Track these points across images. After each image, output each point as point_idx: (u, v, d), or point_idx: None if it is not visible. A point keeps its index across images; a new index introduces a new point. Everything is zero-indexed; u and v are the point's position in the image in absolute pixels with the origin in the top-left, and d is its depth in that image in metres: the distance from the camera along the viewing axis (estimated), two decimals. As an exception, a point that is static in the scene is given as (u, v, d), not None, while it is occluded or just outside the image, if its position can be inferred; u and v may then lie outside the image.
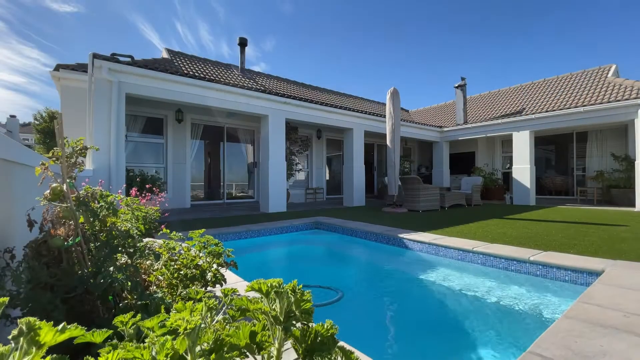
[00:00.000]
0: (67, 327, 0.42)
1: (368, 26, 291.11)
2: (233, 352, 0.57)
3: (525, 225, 5.90)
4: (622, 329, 1.85)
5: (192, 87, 7.11)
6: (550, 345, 1.68)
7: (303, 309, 0.61)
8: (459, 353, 2.22)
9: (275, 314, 0.56)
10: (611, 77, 11.14)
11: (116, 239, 1.59)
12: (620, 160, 10.18)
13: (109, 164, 5.86)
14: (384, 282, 3.91)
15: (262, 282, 0.58)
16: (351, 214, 7.83)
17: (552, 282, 3.29)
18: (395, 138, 8.61)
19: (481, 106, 14.97)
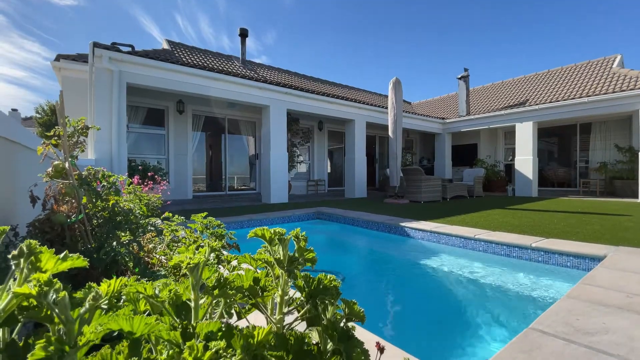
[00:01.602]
0: (69, 255, 0.41)
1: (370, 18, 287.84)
2: (237, 294, 0.57)
3: (527, 215, 5.89)
4: (624, 308, 1.85)
5: (193, 76, 7.08)
6: (551, 323, 1.68)
7: (306, 257, 0.61)
8: (460, 332, 2.23)
9: (278, 257, 0.56)
10: (616, 68, 11.01)
11: (119, 216, 1.59)
12: (624, 152, 10.11)
13: (110, 154, 5.86)
14: (385, 268, 3.92)
15: (266, 229, 0.58)
16: (353, 204, 7.83)
17: (554, 268, 3.30)
18: (398, 129, 8.56)
19: (484, 98, 14.85)
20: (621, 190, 9.74)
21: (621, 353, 1.39)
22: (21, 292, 0.33)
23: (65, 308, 0.35)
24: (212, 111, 10.20)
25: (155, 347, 0.44)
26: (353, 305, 0.65)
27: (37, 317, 0.38)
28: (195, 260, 0.49)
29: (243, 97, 7.99)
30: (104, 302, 0.38)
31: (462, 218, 5.46)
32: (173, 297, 0.54)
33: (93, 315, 0.38)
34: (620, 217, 5.43)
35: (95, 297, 0.37)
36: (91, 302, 0.37)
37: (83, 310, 0.37)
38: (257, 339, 0.45)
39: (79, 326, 0.35)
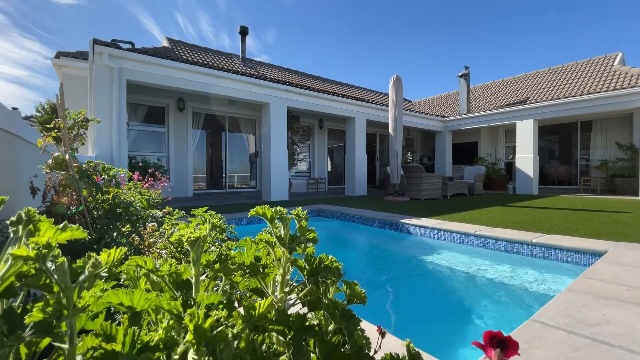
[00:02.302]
0: (68, 225, 0.41)
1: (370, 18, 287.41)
2: (237, 270, 0.56)
3: (528, 212, 5.89)
4: (625, 300, 1.85)
5: (193, 73, 7.07)
6: (552, 315, 1.68)
7: (308, 237, 0.61)
8: (460, 325, 2.23)
9: (279, 234, 0.55)
10: (617, 66, 10.98)
11: (119, 207, 1.59)
12: (624, 149, 10.09)
13: (110, 151, 5.86)
14: (385, 264, 3.92)
15: (267, 207, 0.58)
16: (353, 202, 7.83)
17: (555, 264, 3.29)
18: (398, 126, 8.55)
19: (485, 96, 14.83)
20: (622, 188, 9.73)
21: (623, 343, 1.38)
22: (19, 253, 0.33)
23: (64, 275, 0.35)
24: (213, 109, 10.19)
25: (155, 318, 0.44)
26: (354, 286, 0.64)
27: (36, 285, 0.37)
28: (197, 234, 0.48)
29: (243, 94, 7.98)
30: (104, 271, 0.38)
31: (463, 215, 5.46)
32: (173, 275, 0.53)
33: (93, 284, 0.37)
34: (621, 214, 5.42)
35: (94, 264, 0.36)
36: (90, 270, 0.36)
37: (82, 278, 0.36)
38: (258, 311, 0.44)
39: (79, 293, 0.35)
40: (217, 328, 0.36)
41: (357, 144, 10.36)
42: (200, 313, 0.35)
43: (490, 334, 0.40)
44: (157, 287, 0.54)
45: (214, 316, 0.36)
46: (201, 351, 0.35)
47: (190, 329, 0.35)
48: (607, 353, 1.31)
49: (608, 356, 1.29)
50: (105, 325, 0.40)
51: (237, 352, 0.36)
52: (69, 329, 0.34)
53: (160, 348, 0.36)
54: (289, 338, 0.46)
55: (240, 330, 0.38)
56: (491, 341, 0.40)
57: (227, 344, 0.36)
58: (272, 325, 0.46)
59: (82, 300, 0.33)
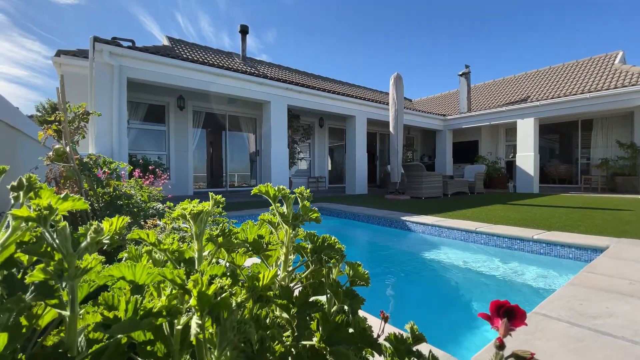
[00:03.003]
0: (69, 195, 0.40)
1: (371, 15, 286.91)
2: (240, 248, 0.56)
3: (529, 209, 5.88)
4: (627, 294, 1.84)
5: (193, 71, 7.06)
6: (554, 307, 1.67)
7: (311, 216, 0.60)
8: (460, 318, 2.23)
9: (282, 211, 0.55)
10: (618, 64, 10.96)
11: (120, 199, 1.59)
12: (625, 148, 10.08)
13: (111, 148, 5.86)
14: (386, 261, 3.92)
15: (269, 185, 0.57)
16: (354, 200, 7.83)
17: (555, 260, 3.29)
18: (399, 124, 8.54)
19: (485, 95, 14.81)
20: (622, 186, 9.71)
21: (626, 335, 1.38)
22: (20, 213, 0.32)
23: (66, 240, 0.34)
24: (213, 107, 10.19)
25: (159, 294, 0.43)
26: (357, 267, 0.64)
27: (37, 252, 0.37)
28: (199, 208, 0.48)
29: (243, 92, 7.97)
30: (106, 238, 0.37)
31: (463, 213, 5.45)
32: (176, 253, 0.53)
33: (95, 251, 0.37)
34: (622, 212, 5.41)
35: (97, 230, 0.36)
36: (92, 236, 0.36)
37: (84, 244, 0.36)
38: (262, 282, 0.44)
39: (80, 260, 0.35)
40: (220, 295, 0.35)
41: (358, 143, 10.35)
42: (204, 279, 0.35)
43: (497, 304, 0.40)
44: (159, 266, 0.54)
45: (217, 283, 0.36)
46: (205, 317, 0.34)
47: (193, 295, 0.34)
48: (609, 344, 1.31)
49: (611, 347, 1.29)
50: (107, 296, 0.39)
51: (241, 319, 0.35)
52: (71, 294, 0.34)
53: (163, 314, 0.36)
54: (292, 312, 0.46)
55: (244, 300, 0.38)
56: (498, 311, 0.40)
57: (231, 312, 0.36)
58: (276, 299, 0.46)
59: (84, 262, 0.32)
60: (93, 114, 1.95)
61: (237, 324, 0.34)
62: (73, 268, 0.32)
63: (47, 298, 0.32)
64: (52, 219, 0.34)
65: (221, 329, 0.36)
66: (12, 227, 0.38)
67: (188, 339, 0.42)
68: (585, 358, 1.21)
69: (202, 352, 0.39)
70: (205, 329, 0.35)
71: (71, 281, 0.32)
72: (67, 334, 0.35)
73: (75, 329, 0.35)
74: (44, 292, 0.32)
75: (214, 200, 0.52)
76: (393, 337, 0.58)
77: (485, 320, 0.42)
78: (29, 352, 0.38)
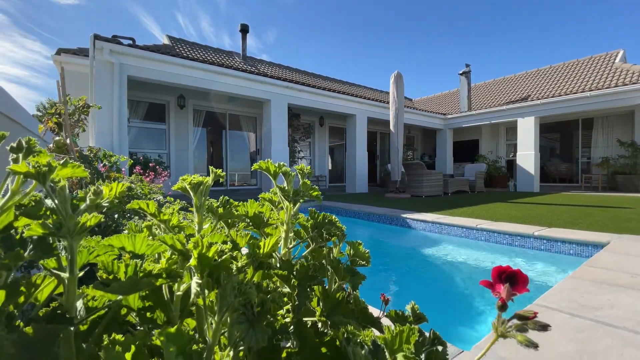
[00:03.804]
0: (70, 161, 0.40)
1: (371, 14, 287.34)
2: (241, 222, 0.56)
3: (530, 207, 5.87)
4: (629, 286, 1.84)
5: (193, 70, 7.06)
6: (555, 299, 1.67)
7: (312, 194, 0.60)
8: (461, 311, 2.22)
9: (283, 187, 0.55)
10: (618, 63, 10.95)
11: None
12: (626, 146, 10.06)
13: (111, 147, 5.85)
14: (386, 257, 3.91)
15: (270, 162, 0.57)
16: (354, 199, 7.82)
17: (557, 255, 3.28)
18: (399, 123, 8.54)
19: (486, 94, 14.80)
20: (623, 185, 9.70)
21: (627, 325, 1.37)
22: (19, 169, 0.32)
23: (65, 201, 0.34)
24: (213, 106, 10.19)
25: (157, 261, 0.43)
26: (358, 246, 0.64)
27: (35, 214, 0.37)
28: (200, 179, 0.48)
29: (244, 91, 7.97)
30: (106, 201, 0.37)
31: (464, 210, 5.44)
32: (176, 228, 0.53)
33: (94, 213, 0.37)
34: (623, 210, 5.40)
35: (96, 192, 0.35)
36: (92, 198, 0.35)
37: (83, 206, 0.36)
38: (263, 250, 0.44)
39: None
40: (221, 257, 0.35)
41: (358, 142, 10.35)
42: (205, 241, 0.35)
43: (499, 269, 0.39)
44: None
45: (218, 247, 0.36)
46: (205, 279, 0.34)
47: (194, 256, 0.34)
48: (611, 334, 1.30)
49: (612, 336, 1.28)
50: (106, 261, 0.39)
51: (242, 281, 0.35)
52: (70, 254, 0.33)
53: (163, 276, 0.36)
54: (293, 282, 0.45)
55: (244, 265, 0.37)
56: (499, 277, 0.39)
57: (231, 275, 0.35)
58: (276, 271, 0.46)
59: (83, 218, 0.32)
60: (93, 107, 1.95)
61: (237, 284, 0.34)
62: (72, 224, 0.32)
63: (45, 255, 0.32)
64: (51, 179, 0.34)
65: (221, 292, 0.35)
66: (11, 190, 0.38)
67: (187, 308, 0.42)
68: (586, 347, 1.21)
69: (202, 318, 0.39)
70: (205, 292, 0.35)
71: (70, 239, 0.32)
72: (66, 297, 0.35)
73: (74, 292, 0.35)
74: (42, 248, 0.32)
75: (214, 174, 0.52)
76: (394, 313, 0.57)
77: (487, 288, 0.42)
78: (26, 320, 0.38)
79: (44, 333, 0.33)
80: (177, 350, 0.26)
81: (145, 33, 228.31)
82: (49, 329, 0.33)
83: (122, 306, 0.44)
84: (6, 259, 0.30)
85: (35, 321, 0.34)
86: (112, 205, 0.37)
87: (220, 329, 0.39)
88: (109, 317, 0.39)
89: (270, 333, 0.37)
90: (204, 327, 0.41)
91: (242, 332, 0.33)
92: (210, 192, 3.56)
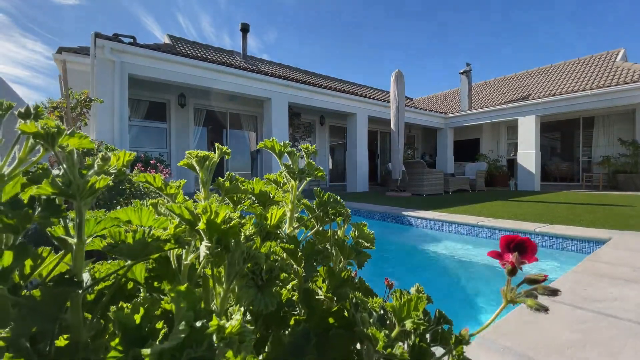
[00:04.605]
0: (77, 131, 0.40)
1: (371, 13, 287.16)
2: (246, 199, 0.56)
3: (531, 205, 5.87)
4: (631, 280, 1.83)
5: (194, 68, 7.06)
6: (558, 292, 1.66)
7: (317, 174, 0.60)
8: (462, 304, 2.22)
9: (288, 164, 0.55)
10: (619, 62, 10.94)
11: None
12: (627, 145, 10.05)
13: (112, 143, 5.85)
14: (387, 253, 3.91)
15: (275, 141, 0.57)
16: (355, 197, 7.82)
17: (558, 252, 3.28)
18: (400, 122, 8.53)
19: (486, 93, 14.79)
20: (624, 184, 9.69)
21: (631, 317, 1.37)
22: (27, 129, 0.32)
23: (73, 166, 0.34)
24: (214, 105, 10.19)
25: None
26: (363, 227, 0.64)
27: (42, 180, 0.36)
28: (205, 153, 0.48)
29: (244, 89, 7.97)
30: (113, 168, 0.37)
31: (465, 208, 5.44)
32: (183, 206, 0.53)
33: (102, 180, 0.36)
34: (624, 208, 5.40)
35: (104, 157, 0.35)
36: (100, 164, 0.35)
37: (91, 172, 0.35)
38: (270, 221, 0.44)
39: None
40: (229, 224, 0.35)
41: (359, 141, 10.35)
42: (213, 207, 0.35)
43: (507, 238, 0.39)
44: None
45: (226, 213, 0.35)
46: (214, 244, 0.34)
47: (202, 221, 0.34)
48: (614, 325, 1.30)
49: (615, 327, 1.28)
50: (114, 231, 0.39)
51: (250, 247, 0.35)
52: (78, 217, 0.33)
53: (171, 242, 0.36)
54: (299, 255, 0.45)
55: (252, 234, 0.37)
56: (508, 246, 0.39)
57: (239, 242, 0.35)
58: (282, 244, 0.46)
59: (93, 178, 0.32)
60: (95, 100, 1.95)
61: (246, 249, 0.34)
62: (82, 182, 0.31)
63: (55, 215, 0.32)
64: (59, 143, 0.34)
65: (230, 259, 0.35)
66: (18, 158, 0.38)
67: (195, 279, 0.42)
68: (589, 337, 1.20)
69: (208, 288, 0.39)
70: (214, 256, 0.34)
71: (79, 199, 0.32)
72: (74, 262, 0.35)
73: (82, 258, 0.35)
74: (51, 209, 0.31)
75: (219, 151, 0.52)
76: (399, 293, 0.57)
77: (494, 259, 0.42)
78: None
79: (51, 296, 0.33)
80: (188, 306, 0.26)
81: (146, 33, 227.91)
82: (56, 292, 0.33)
83: (129, 280, 0.44)
84: (13, 219, 0.29)
85: (42, 286, 0.34)
86: (119, 173, 0.37)
87: (228, 299, 0.39)
88: (115, 287, 0.39)
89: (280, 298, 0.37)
90: (210, 298, 0.40)
91: (250, 297, 0.33)
92: (212, 191, 3.58)
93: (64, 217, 0.33)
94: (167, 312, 0.34)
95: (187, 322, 0.26)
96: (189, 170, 2.52)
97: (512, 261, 0.37)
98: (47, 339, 0.34)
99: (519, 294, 0.36)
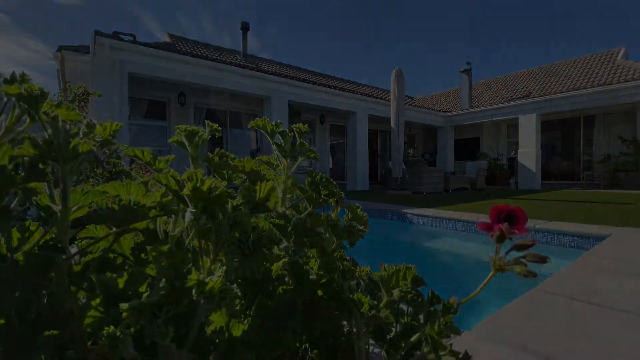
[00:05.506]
0: (63, 102, 0.40)
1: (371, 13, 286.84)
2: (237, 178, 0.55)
3: (531, 203, 5.86)
4: (629, 274, 1.83)
5: (194, 66, 7.06)
6: (557, 285, 1.66)
7: (309, 155, 0.60)
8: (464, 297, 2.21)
9: (280, 143, 0.54)
10: (620, 60, 10.91)
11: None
12: (628, 144, 10.03)
13: (112, 142, 5.86)
14: (387, 251, 3.91)
15: (267, 120, 0.56)
16: (355, 196, 7.82)
17: (557, 248, 3.27)
18: (400, 120, 8.52)
19: (487, 92, 14.77)
20: (625, 182, 9.66)
21: (631, 309, 1.36)
22: (10, 91, 0.32)
23: (58, 132, 0.34)
24: (214, 104, 10.18)
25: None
26: (356, 210, 0.63)
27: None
28: (195, 128, 0.47)
29: (244, 87, 7.97)
30: (99, 137, 0.37)
31: (465, 206, 5.43)
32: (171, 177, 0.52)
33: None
34: (624, 206, 5.38)
35: (90, 124, 0.35)
36: (85, 131, 0.35)
37: (77, 139, 0.35)
38: (259, 194, 0.43)
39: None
40: (215, 192, 0.34)
41: (359, 139, 10.34)
42: (199, 174, 0.34)
43: (497, 209, 0.39)
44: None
45: (212, 182, 0.35)
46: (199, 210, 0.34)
47: (188, 187, 0.34)
48: (611, 316, 1.30)
49: (615, 318, 1.27)
50: (101, 201, 0.38)
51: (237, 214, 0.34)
52: (62, 183, 0.33)
53: (156, 209, 0.35)
54: (289, 230, 0.45)
55: (240, 204, 0.37)
56: (498, 217, 0.39)
57: (226, 213, 0.35)
58: (273, 220, 0.45)
59: (76, 140, 0.32)
60: (93, 94, 1.95)
61: (232, 215, 0.33)
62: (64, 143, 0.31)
63: (36, 179, 0.31)
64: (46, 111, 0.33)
65: (216, 227, 0.35)
66: (5, 128, 0.38)
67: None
68: (588, 328, 1.20)
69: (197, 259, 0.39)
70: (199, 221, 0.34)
71: (63, 163, 0.31)
72: (58, 228, 0.34)
73: (67, 226, 0.35)
74: (35, 173, 0.31)
75: (209, 127, 0.51)
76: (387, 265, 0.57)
77: (485, 232, 0.41)
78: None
79: (34, 262, 0.33)
80: (169, 265, 0.26)
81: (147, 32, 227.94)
82: (40, 256, 0.32)
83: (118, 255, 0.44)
84: (-4, 182, 0.29)
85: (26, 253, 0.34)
86: (105, 141, 0.37)
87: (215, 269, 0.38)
88: (101, 258, 0.39)
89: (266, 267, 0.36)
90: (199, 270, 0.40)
91: (237, 263, 0.33)
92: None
93: (48, 181, 0.33)
94: (153, 280, 0.34)
95: (168, 280, 0.25)
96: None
97: (500, 228, 0.36)
98: (32, 306, 0.34)
99: (509, 262, 0.36)
